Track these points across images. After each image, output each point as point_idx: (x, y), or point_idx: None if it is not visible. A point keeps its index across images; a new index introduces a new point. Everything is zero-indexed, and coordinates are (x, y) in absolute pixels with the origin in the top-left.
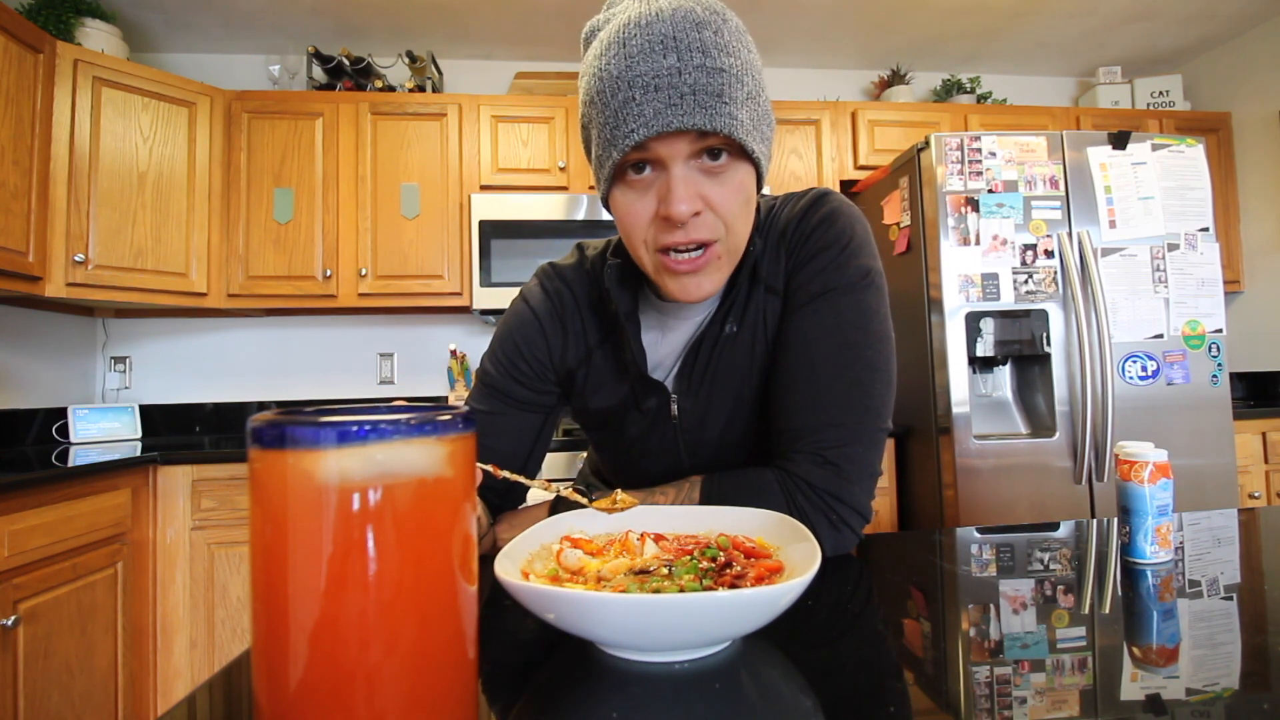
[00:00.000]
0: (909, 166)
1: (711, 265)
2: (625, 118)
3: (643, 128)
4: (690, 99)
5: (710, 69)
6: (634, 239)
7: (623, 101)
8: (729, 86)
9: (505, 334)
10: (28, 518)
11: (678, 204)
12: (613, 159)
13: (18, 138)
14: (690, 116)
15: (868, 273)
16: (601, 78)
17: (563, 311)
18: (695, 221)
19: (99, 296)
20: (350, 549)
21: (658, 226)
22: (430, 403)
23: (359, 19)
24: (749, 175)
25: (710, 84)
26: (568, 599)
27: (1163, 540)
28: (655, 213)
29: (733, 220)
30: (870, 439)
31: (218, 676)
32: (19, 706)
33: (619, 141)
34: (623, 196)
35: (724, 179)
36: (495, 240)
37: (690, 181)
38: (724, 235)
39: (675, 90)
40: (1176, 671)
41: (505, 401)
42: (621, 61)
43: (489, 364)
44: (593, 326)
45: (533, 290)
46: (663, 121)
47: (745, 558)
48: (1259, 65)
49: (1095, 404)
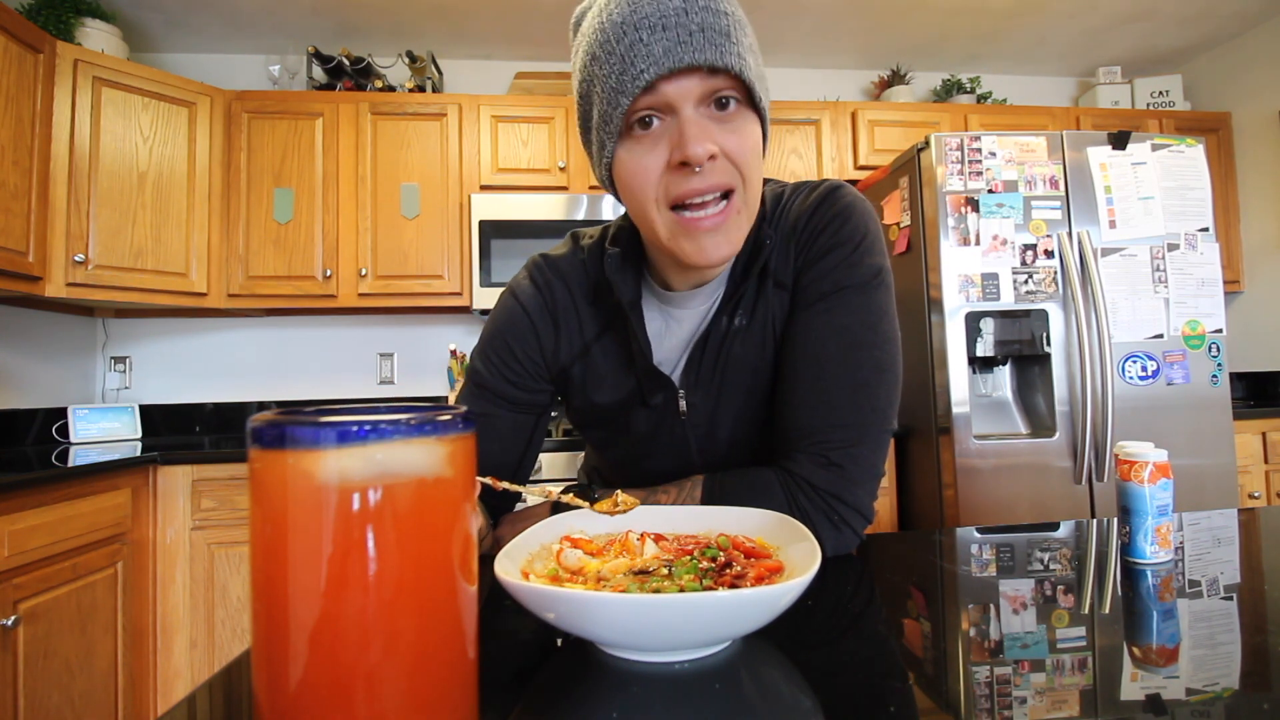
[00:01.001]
0: (909, 166)
1: (732, 221)
2: (633, 59)
3: (653, 66)
4: (700, 35)
5: (715, 10)
6: (644, 199)
7: (630, 44)
8: (735, 29)
9: (495, 331)
10: (28, 518)
11: (694, 145)
12: (621, 107)
13: (18, 138)
14: (701, 52)
15: (879, 272)
16: (605, 29)
17: (555, 306)
18: (711, 165)
19: (99, 296)
20: (350, 549)
21: (671, 178)
22: (430, 403)
23: (359, 19)
24: (756, 128)
25: (718, 24)
26: (568, 599)
27: (1163, 540)
28: (668, 163)
29: (747, 170)
30: (875, 440)
31: (218, 676)
32: (19, 706)
33: (627, 86)
34: (629, 155)
35: (735, 126)
36: (495, 240)
37: (704, 125)
38: (740, 185)
39: (684, 28)
40: (1176, 671)
41: (496, 402)
42: (625, 6)
43: (479, 363)
44: (589, 319)
45: (522, 284)
46: (673, 59)
47: (745, 558)
48: (1259, 65)
49: (1095, 404)
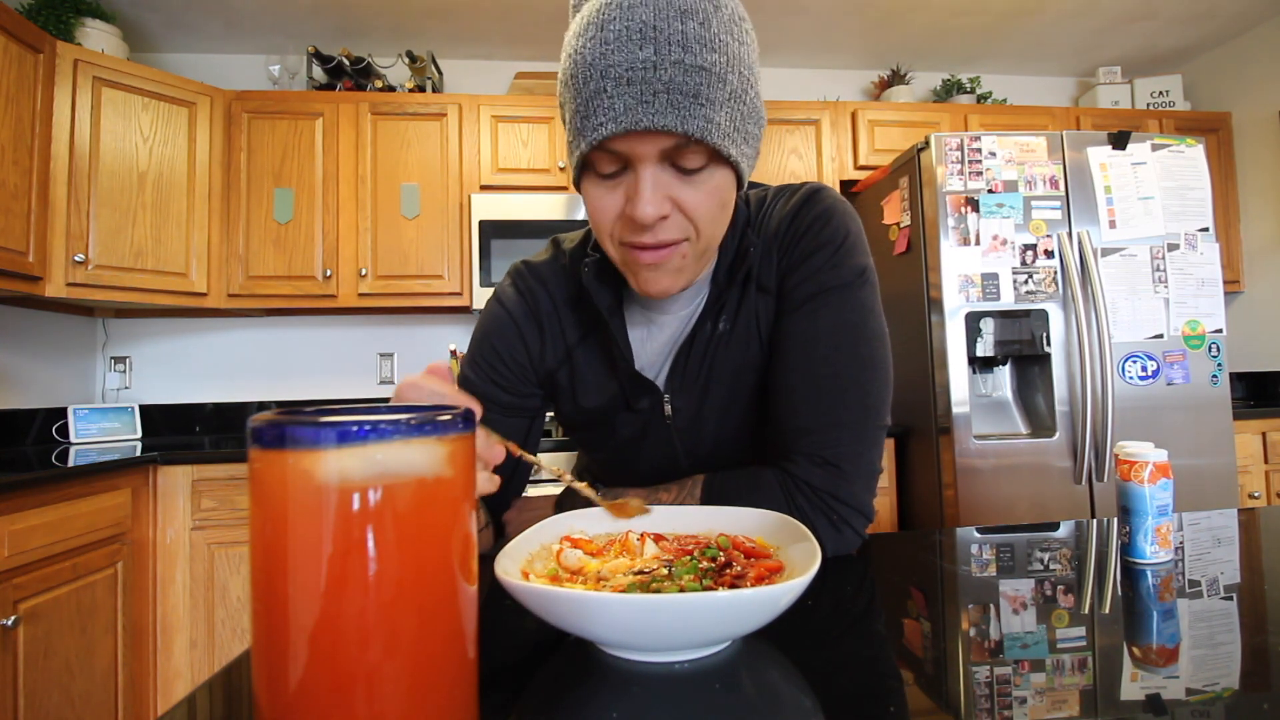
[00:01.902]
0: (909, 166)
1: (674, 262)
2: (594, 109)
3: (611, 123)
4: (664, 97)
5: (689, 66)
6: (600, 231)
7: (593, 91)
8: (708, 86)
9: (482, 337)
10: (28, 518)
11: (643, 206)
12: (580, 150)
13: (18, 138)
14: (661, 116)
15: (863, 271)
16: (576, 60)
17: (538, 311)
18: (662, 224)
19: (99, 296)
20: (350, 549)
21: (625, 223)
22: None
23: (359, 19)
24: (727, 178)
25: (687, 82)
26: (568, 599)
27: (1163, 540)
28: (622, 210)
29: (703, 223)
30: (870, 437)
31: (218, 676)
32: (19, 706)
33: (586, 134)
34: (593, 189)
35: (697, 182)
36: (495, 240)
37: (660, 184)
38: (693, 237)
39: (648, 86)
40: (1176, 671)
41: (488, 407)
42: (597, 47)
43: (468, 370)
44: (571, 324)
45: (506, 291)
46: (632, 119)
47: (745, 558)
48: (1259, 65)
49: (1095, 404)
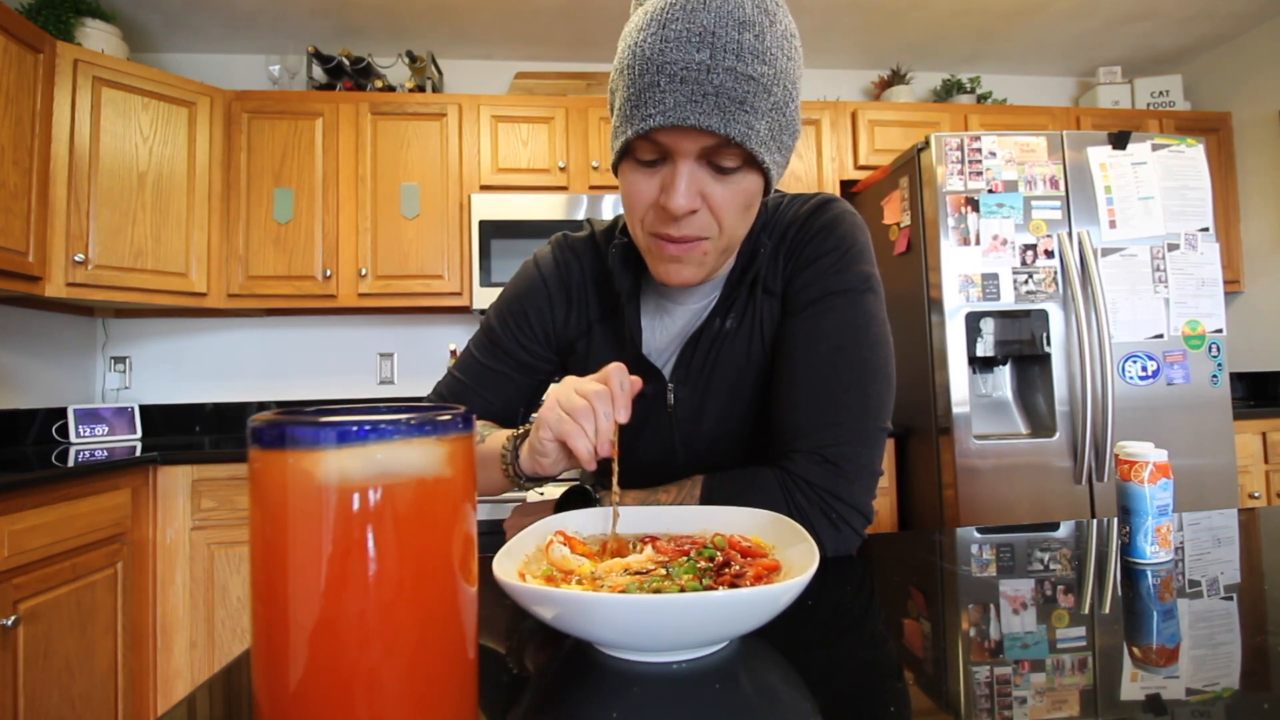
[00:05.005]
0: (909, 166)
1: (695, 256)
2: (646, 100)
3: (659, 115)
4: (712, 99)
5: (740, 74)
6: (632, 216)
7: (647, 84)
8: (754, 95)
9: (514, 295)
10: (28, 518)
11: (677, 198)
12: (626, 136)
13: (18, 138)
14: (707, 117)
15: (867, 279)
16: (634, 52)
17: (569, 282)
18: (690, 219)
19: (99, 296)
20: (350, 549)
21: (655, 211)
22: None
23: (359, 19)
24: (756, 182)
25: (736, 89)
26: (567, 599)
27: (1163, 540)
28: (656, 199)
29: (728, 222)
30: (869, 438)
31: (218, 676)
32: (19, 706)
33: (635, 122)
34: (631, 174)
35: (729, 182)
36: (495, 240)
37: (695, 179)
38: (716, 235)
39: (700, 87)
40: (1176, 671)
41: (504, 360)
42: (657, 44)
43: (494, 320)
44: (594, 301)
45: (545, 257)
46: (680, 115)
47: (742, 557)
48: (1259, 65)
49: (1095, 404)
